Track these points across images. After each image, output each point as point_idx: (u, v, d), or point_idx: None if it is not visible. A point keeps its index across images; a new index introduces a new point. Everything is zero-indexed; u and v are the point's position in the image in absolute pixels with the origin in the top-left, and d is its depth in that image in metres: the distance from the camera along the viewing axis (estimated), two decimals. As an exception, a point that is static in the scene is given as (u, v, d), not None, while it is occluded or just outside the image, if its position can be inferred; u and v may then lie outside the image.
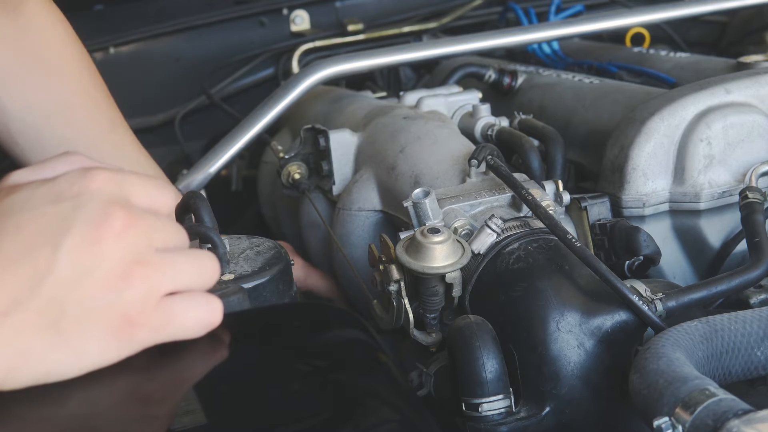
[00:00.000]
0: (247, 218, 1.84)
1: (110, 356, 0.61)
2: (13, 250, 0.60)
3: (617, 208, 1.11)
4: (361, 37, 1.99)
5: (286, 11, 2.06)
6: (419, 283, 0.94)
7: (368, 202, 1.23)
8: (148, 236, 0.63)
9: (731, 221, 1.11)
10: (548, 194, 1.05)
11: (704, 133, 1.09)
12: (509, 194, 1.03)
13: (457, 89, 1.45)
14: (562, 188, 1.07)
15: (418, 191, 0.99)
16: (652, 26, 1.82)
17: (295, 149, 1.34)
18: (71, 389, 0.60)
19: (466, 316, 0.88)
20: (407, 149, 1.20)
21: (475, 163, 1.07)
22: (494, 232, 0.94)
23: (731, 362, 0.77)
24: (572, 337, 0.84)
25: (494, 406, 0.83)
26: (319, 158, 1.31)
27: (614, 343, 0.85)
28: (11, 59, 1.19)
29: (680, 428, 0.66)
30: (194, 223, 1.03)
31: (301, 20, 2.06)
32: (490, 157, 1.05)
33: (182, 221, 1.18)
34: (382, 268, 0.97)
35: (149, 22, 2.00)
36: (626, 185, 1.11)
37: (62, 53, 1.26)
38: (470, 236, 0.97)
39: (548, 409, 0.84)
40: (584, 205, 1.06)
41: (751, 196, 0.98)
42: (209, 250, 0.99)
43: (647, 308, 0.84)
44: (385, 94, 1.75)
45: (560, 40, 1.76)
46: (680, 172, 1.10)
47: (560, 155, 1.21)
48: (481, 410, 0.83)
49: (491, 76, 1.54)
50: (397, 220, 1.17)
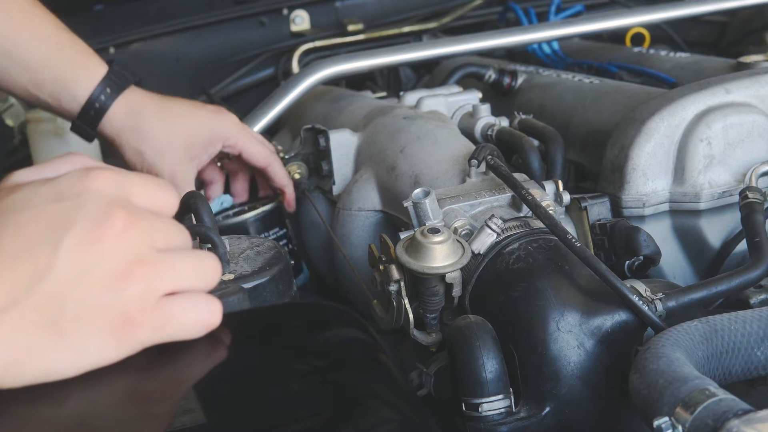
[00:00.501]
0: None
1: (109, 355, 0.61)
2: (13, 247, 0.60)
3: (617, 208, 1.11)
4: (361, 37, 1.99)
5: (286, 11, 2.06)
6: (419, 283, 0.94)
7: (368, 202, 1.23)
8: (148, 236, 0.63)
9: (731, 221, 1.11)
10: (548, 194, 1.05)
11: (704, 133, 1.09)
12: (509, 194, 1.03)
13: (457, 89, 1.45)
14: (562, 188, 1.07)
15: (418, 191, 0.99)
16: (652, 26, 1.83)
17: (295, 149, 1.34)
18: (70, 389, 0.60)
19: (466, 316, 0.88)
20: (407, 149, 1.20)
21: (475, 163, 1.07)
22: (494, 232, 0.94)
23: (731, 362, 0.76)
24: (572, 337, 0.84)
25: (494, 406, 0.83)
26: (319, 158, 1.31)
27: (614, 343, 0.85)
28: None
29: (680, 428, 0.65)
30: (194, 223, 1.03)
31: (301, 20, 2.06)
32: (490, 157, 1.05)
33: (182, 221, 1.18)
34: (382, 268, 0.97)
35: (149, 22, 2.01)
36: (626, 185, 1.11)
37: None
38: (470, 236, 0.97)
39: (548, 409, 0.84)
40: (584, 205, 1.06)
41: (751, 196, 0.98)
42: (209, 250, 0.99)
43: (647, 308, 0.84)
44: (385, 94, 1.75)
45: (560, 40, 1.76)
46: (680, 172, 1.10)
47: (560, 155, 1.21)
48: (481, 410, 0.83)
49: (491, 76, 1.54)
50: (397, 220, 1.17)
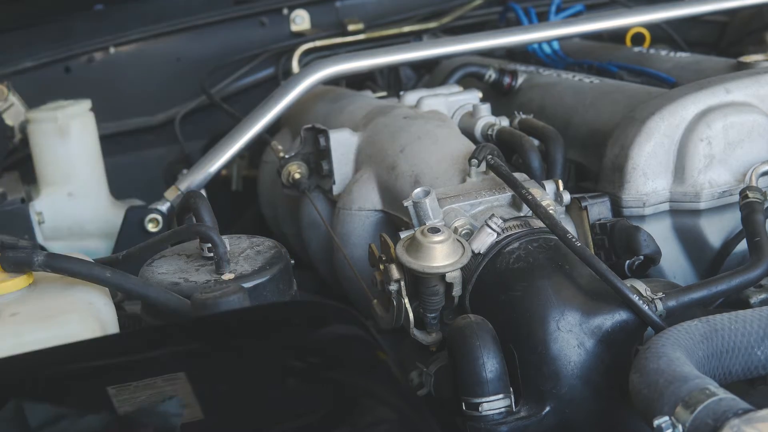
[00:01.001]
0: (247, 218, 1.84)
1: None
2: None
3: (617, 207, 1.11)
4: (361, 36, 1.99)
5: (286, 11, 2.06)
6: (419, 282, 0.94)
7: (368, 201, 1.23)
8: None
9: (731, 221, 1.11)
10: (548, 194, 1.05)
11: (704, 132, 1.09)
12: (509, 194, 1.03)
13: (457, 89, 1.45)
14: (562, 188, 1.07)
15: (418, 191, 0.99)
16: (652, 26, 1.82)
17: (295, 149, 1.34)
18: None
19: (466, 315, 0.88)
20: (407, 149, 1.20)
21: (475, 162, 1.07)
22: (494, 231, 0.94)
23: (731, 362, 0.77)
24: (572, 336, 0.84)
25: (494, 405, 0.83)
26: (319, 158, 1.31)
27: (614, 342, 0.85)
28: None
29: (680, 427, 0.66)
30: (194, 222, 1.04)
31: (301, 20, 2.06)
32: (490, 156, 1.06)
33: (182, 221, 1.18)
34: (382, 267, 0.97)
35: (149, 22, 2.01)
36: (626, 185, 1.11)
37: None
38: (470, 236, 0.97)
39: (548, 408, 0.84)
40: (584, 204, 1.06)
41: (751, 195, 0.98)
42: (209, 249, 0.99)
43: (647, 308, 0.84)
44: (385, 93, 1.75)
45: (560, 40, 1.76)
46: (680, 171, 1.10)
47: (560, 155, 1.21)
48: (481, 410, 0.83)
49: (491, 75, 1.54)
50: (397, 219, 1.17)
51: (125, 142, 1.96)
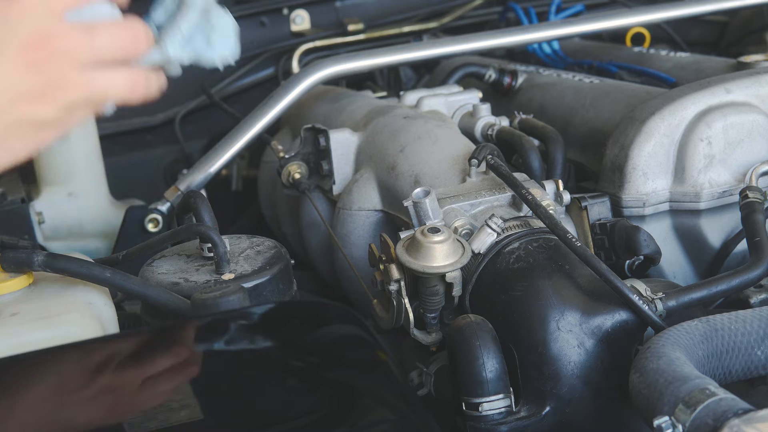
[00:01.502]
0: (247, 218, 1.84)
1: (31, 151, 0.70)
2: None
3: (617, 207, 1.11)
4: (361, 36, 1.99)
5: (286, 11, 2.06)
6: (419, 282, 0.94)
7: (368, 201, 1.23)
8: (69, 58, 0.69)
9: (731, 221, 1.11)
10: (548, 194, 1.05)
11: (704, 132, 1.09)
12: (509, 194, 1.03)
13: (457, 89, 1.45)
14: (562, 188, 1.07)
15: (418, 191, 0.99)
16: (652, 26, 1.82)
17: (295, 149, 1.34)
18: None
19: (466, 315, 0.88)
20: (407, 149, 1.20)
21: (475, 162, 1.07)
22: (494, 231, 0.94)
23: (731, 362, 0.77)
24: (572, 336, 0.84)
25: (494, 405, 0.83)
26: (319, 158, 1.31)
27: (614, 342, 0.85)
28: None
29: (680, 427, 0.66)
30: (194, 222, 1.04)
31: (301, 20, 2.06)
32: (490, 156, 1.05)
33: (182, 221, 1.18)
34: (382, 267, 0.97)
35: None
36: (626, 185, 1.11)
37: None
38: (470, 236, 0.97)
39: (548, 408, 0.84)
40: (584, 204, 1.06)
41: (751, 195, 0.98)
42: (209, 250, 0.99)
43: (647, 308, 0.84)
44: (385, 93, 1.75)
45: (560, 39, 1.76)
46: (680, 171, 1.10)
47: (560, 155, 1.21)
48: (481, 409, 0.83)
49: (491, 75, 1.54)
50: (397, 219, 1.17)
51: (125, 142, 1.95)
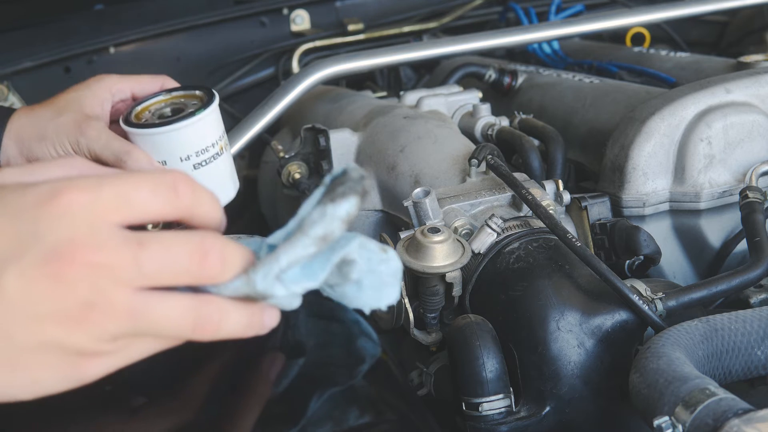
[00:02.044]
0: (247, 218, 1.84)
1: (65, 385, 0.58)
2: None
3: (617, 207, 1.11)
4: (361, 36, 1.99)
5: (286, 11, 2.06)
6: (419, 282, 0.94)
7: (368, 201, 1.23)
8: (109, 275, 0.55)
9: (731, 221, 1.11)
10: (548, 194, 1.05)
11: (704, 132, 1.09)
12: (509, 194, 1.03)
13: (457, 89, 1.45)
14: (562, 188, 1.07)
15: (418, 191, 0.99)
16: (652, 26, 1.83)
17: (295, 149, 1.34)
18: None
19: (466, 315, 0.88)
20: (407, 149, 1.20)
21: (475, 162, 1.07)
22: (494, 231, 0.94)
23: (731, 361, 0.77)
24: (572, 336, 0.84)
25: (494, 405, 0.83)
26: (319, 158, 1.31)
27: (614, 342, 0.85)
28: None
29: (680, 427, 0.66)
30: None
31: (301, 20, 2.06)
32: (490, 156, 1.06)
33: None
34: (382, 267, 0.96)
35: (149, 22, 2.01)
36: (626, 185, 1.11)
37: None
38: (470, 236, 0.97)
39: (548, 408, 0.84)
40: (584, 204, 1.06)
41: (751, 195, 0.98)
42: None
43: (647, 308, 0.84)
44: (385, 93, 1.75)
45: (560, 39, 1.76)
46: (680, 171, 1.10)
47: (560, 155, 1.21)
48: (481, 409, 0.83)
49: (491, 75, 1.54)
50: (397, 219, 1.17)
51: (125, 142, 1.95)
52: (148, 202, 0.57)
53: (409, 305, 0.95)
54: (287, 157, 1.33)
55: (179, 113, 0.91)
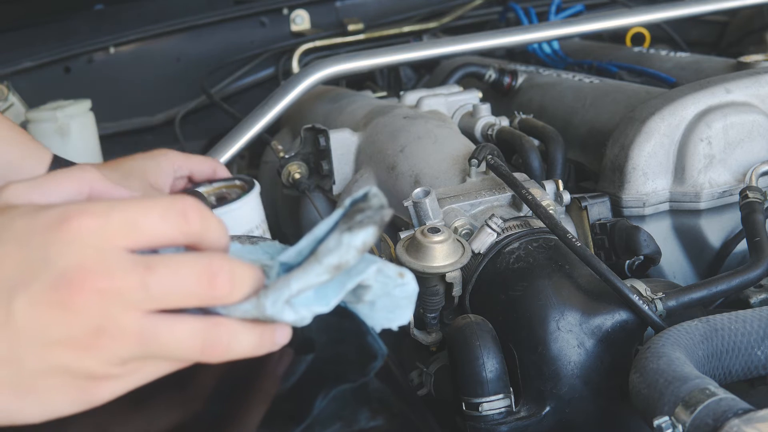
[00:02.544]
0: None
1: (76, 408, 0.58)
2: None
3: (617, 207, 1.11)
4: (361, 36, 1.99)
5: (286, 11, 2.07)
6: (419, 282, 0.94)
7: (368, 201, 1.23)
8: (118, 301, 0.55)
9: (731, 221, 1.11)
10: (548, 194, 1.05)
11: (704, 132, 1.09)
12: (509, 194, 1.03)
13: (457, 89, 1.45)
14: (562, 188, 1.07)
15: (418, 191, 0.99)
16: (652, 26, 1.83)
17: (295, 149, 1.34)
18: None
19: (466, 315, 0.88)
20: (407, 149, 1.20)
21: (475, 162, 1.07)
22: (494, 231, 0.94)
23: (731, 362, 0.77)
24: (572, 336, 0.84)
25: (494, 405, 0.83)
26: (319, 158, 1.31)
27: (614, 342, 0.85)
28: None
29: (680, 427, 0.66)
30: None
31: (301, 20, 2.07)
32: (490, 156, 1.06)
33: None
34: (382, 267, 0.96)
35: (149, 22, 2.01)
36: (626, 185, 1.11)
37: None
38: (470, 236, 0.97)
39: (548, 408, 0.84)
40: (584, 204, 1.06)
41: (751, 195, 0.98)
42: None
43: (647, 308, 0.84)
44: (385, 93, 1.75)
45: (560, 39, 1.76)
46: (680, 171, 1.10)
47: (560, 155, 1.21)
48: (481, 409, 0.83)
49: (491, 75, 1.54)
50: (397, 219, 1.17)
51: (125, 142, 1.96)
52: (157, 227, 0.58)
53: (409, 305, 0.94)
54: (287, 157, 1.33)
55: (222, 202, 1.02)
